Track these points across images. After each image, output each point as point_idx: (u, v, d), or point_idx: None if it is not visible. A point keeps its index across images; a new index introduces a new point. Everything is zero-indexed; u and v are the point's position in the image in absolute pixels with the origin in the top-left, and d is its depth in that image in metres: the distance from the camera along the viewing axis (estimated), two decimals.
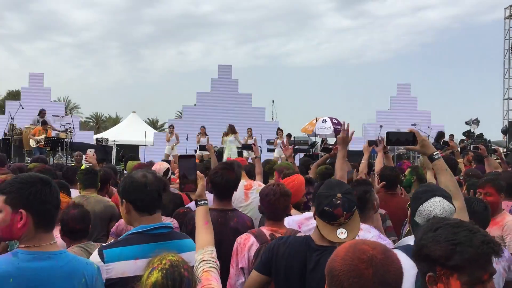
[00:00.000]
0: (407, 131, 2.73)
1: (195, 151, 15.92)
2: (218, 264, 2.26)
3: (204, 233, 2.37)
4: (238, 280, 3.02)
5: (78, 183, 4.58)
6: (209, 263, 2.20)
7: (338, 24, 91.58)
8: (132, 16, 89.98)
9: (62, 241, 3.03)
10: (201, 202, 2.47)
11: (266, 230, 3.13)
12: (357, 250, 1.37)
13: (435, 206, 2.33)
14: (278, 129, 17.23)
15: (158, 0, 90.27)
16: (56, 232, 2.15)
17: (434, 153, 2.64)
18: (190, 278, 1.79)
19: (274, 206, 3.13)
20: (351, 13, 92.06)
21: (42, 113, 15.94)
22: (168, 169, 4.49)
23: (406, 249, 2.25)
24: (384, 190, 4.66)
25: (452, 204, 2.36)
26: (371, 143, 5.98)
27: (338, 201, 2.47)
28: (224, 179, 3.44)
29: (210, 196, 3.47)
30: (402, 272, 1.37)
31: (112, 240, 2.53)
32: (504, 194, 3.99)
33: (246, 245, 3.07)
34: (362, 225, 2.85)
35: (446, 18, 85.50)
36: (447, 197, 2.38)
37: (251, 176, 5.25)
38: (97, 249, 2.35)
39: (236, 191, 3.62)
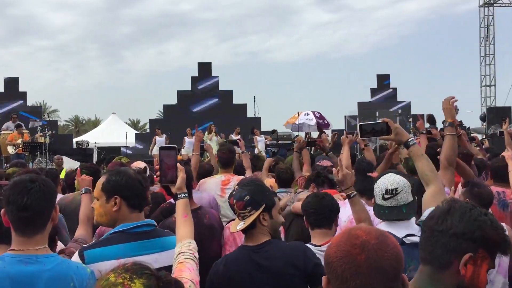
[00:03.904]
0: (379, 121, 2.71)
1: (179, 150, 15.85)
2: (197, 256, 2.18)
3: (183, 226, 2.32)
4: None
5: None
6: (185, 255, 2.14)
7: (318, 18, 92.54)
8: (110, 17, 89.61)
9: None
10: (180, 195, 2.40)
11: None
12: (351, 236, 1.33)
13: (386, 179, 2.47)
14: (253, 128, 17.20)
15: (136, 0, 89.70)
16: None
17: (409, 139, 2.64)
18: None
19: None
20: (331, 7, 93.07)
21: (13, 117, 15.67)
22: (145, 168, 4.42)
23: None
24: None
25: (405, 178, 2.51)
26: (349, 134, 5.99)
27: (233, 192, 2.56)
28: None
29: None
30: (399, 258, 1.32)
31: (93, 241, 2.45)
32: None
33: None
34: None
35: (423, 9, 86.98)
36: (402, 174, 2.52)
37: (240, 172, 5.22)
38: (77, 251, 2.28)
39: (194, 188, 3.61)
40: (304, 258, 2.42)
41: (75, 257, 2.23)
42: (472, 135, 11.72)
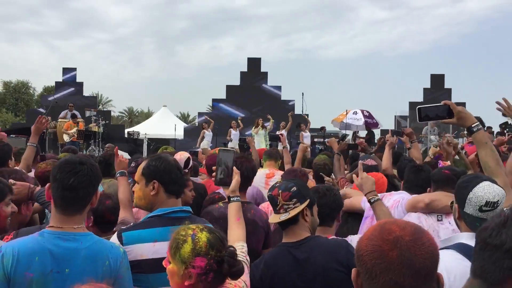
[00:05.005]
0: (440, 104, 2.51)
1: (224, 144, 16.02)
2: (248, 259, 2.26)
3: (236, 228, 2.40)
4: None
5: None
6: (239, 257, 2.19)
7: (373, 15, 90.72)
8: (167, 12, 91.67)
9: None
10: (233, 198, 2.49)
11: None
12: (384, 230, 1.28)
13: (486, 190, 2.14)
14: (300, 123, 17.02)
15: None
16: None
17: (473, 125, 2.45)
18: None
19: None
20: (388, 4, 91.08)
21: (70, 106, 16.32)
22: (189, 159, 4.49)
23: (460, 248, 2.07)
24: None
25: (501, 187, 2.19)
26: (394, 133, 5.83)
27: (277, 184, 2.53)
28: (244, 167, 3.36)
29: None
30: (434, 257, 1.26)
31: (131, 223, 2.53)
32: None
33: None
34: None
35: (487, 7, 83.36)
36: (494, 181, 2.21)
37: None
38: (116, 232, 2.36)
39: (250, 185, 3.54)
40: (347, 254, 2.32)
41: (114, 238, 2.31)
42: None
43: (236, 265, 1.77)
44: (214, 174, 2.53)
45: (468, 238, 2.13)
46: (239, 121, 16.75)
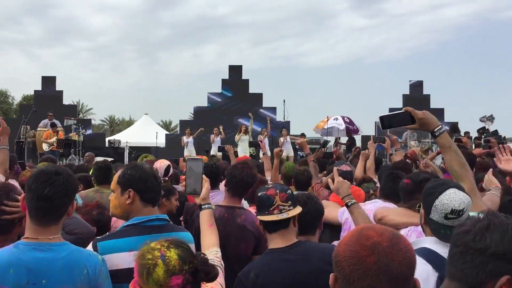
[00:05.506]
0: (401, 111, 2.51)
1: (207, 151, 15.97)
2: (223, 264, 2.25)
3: (209, 234, 2.41)
4: None
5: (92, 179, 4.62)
6: (213, 262, 2.16)
7: (354, 23, 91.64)
8: (149, 19, 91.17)
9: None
10: (205, 206, 2.50)
11: None
12: (362, 236, 1.28)
13: (452, 198, 2.14)
14: (283, 128, 17.05)
15: (175, 3, 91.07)
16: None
17: (435, 129, 2.44)
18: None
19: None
20: (368, 12, 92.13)
21: (49, 115, 16.10)
22: (169, 166, 4.48)
23: (423, 252, 2.08)
24: None
25: (468, 194, 2.18)
26: (376, 139, 5.96)
27: (270, 185, 2.48)
28: (244, 173, 3.37)
29: None
30: (412, 263, 1.27)
31: (107, 233, 2.52)
32: None
33: None
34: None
35: (465, 15, 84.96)
36: (461, 188, 2.21)
37: (260, 172, 5.28)
38: (91, 242, 2.33)
39: (248, 193, 3.50)
40: None
41: (89, 248, 2.27)
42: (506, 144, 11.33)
43: (211, 271, 1.74)
44: (183, 183, 2.52)
45: (432, 243, 2.15)
46: (221, 130, 16.64)
